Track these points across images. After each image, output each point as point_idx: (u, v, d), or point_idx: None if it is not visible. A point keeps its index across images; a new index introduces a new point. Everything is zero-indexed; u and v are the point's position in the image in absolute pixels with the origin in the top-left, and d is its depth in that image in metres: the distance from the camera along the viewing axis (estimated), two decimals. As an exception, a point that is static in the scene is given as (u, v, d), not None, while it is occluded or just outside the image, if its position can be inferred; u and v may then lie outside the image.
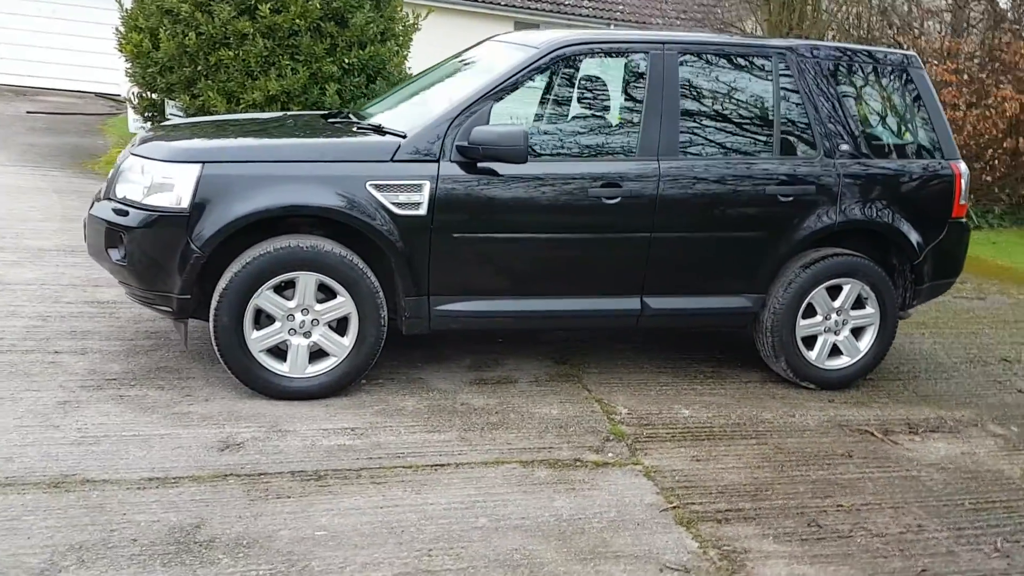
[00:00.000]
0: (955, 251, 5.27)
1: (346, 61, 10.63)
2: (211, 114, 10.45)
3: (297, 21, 10.26)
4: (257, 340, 4.20)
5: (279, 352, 4.26)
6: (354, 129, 4.63)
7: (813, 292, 4.94)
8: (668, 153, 4.62)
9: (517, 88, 4.47)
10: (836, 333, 5.08)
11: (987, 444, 4.55)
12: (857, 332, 5.13)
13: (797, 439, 4.39)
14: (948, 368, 5.80)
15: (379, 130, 4.49)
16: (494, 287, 4.52)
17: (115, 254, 4.19)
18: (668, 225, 4.64)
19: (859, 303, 5.07)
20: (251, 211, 4.06)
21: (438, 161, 4.29)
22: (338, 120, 4.99)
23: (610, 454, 4.03)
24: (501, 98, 4.41)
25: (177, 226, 4.05)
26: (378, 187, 4.21)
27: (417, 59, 11.00)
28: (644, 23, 19.32)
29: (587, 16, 19.11)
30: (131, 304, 5.40)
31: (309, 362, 4.30)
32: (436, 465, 3.78)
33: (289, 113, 5.69)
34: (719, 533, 3.43)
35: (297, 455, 3.75)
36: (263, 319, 4.22)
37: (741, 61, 4.88)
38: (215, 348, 4.18)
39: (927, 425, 4.73)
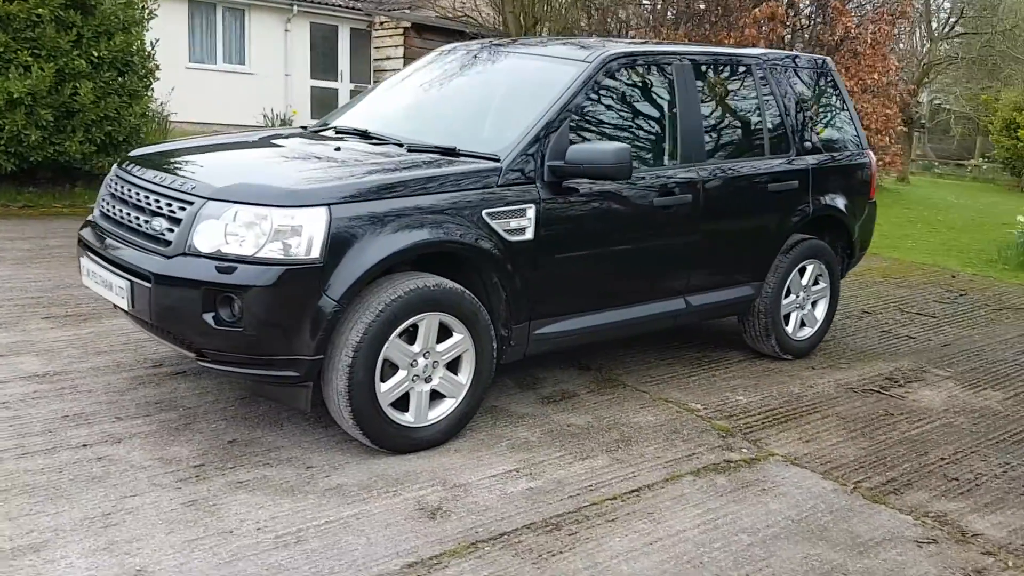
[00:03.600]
0: (871, 227, 6.16)
1: (95, 54, 9.37)
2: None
3: (38, 10, 8.85)
4: (386, 394, 3.83)
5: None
6: (425, 152, 4.28)
7: (791, 274, 5.51)
8: (699, 159, 4.89)
9: (582, 102, 4.45)
10: (803, 308, 5.71)
11: (952, 386, 5.44)
12: (814, 305, 5.81)
13: (842, 407, 4.94)
14: (843, 326, 6.74)
15: (453, 152, 4.24)
16: (582, 304, 4.52)
17: (213, 319, 3.56)
18: (706, 227, 4.93)
19: (815, 279, 5.75)
20: (393, 252, 3.69)
21: (534, 182, 4.18)
22: (375, 139, 4.56)
23: (743, 450, 4.26)
24: (572, 114, 4.37)
25: (309, 279, 3.55)
26: (492, 215, 4.01)
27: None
28: (342, 5, 19.00)
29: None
30: (78, 374, 4.61)
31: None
32: (631, 492, 3.76)
33: (279, 131, 5.04)
34: (909, 502, 3.84)
35: (507, 508, 3.53)
36: (386, 369, 3.85)
37: (738, 69, 5.26)
38: (347, 410, 3.73)
39: (900, 377, 5.53)
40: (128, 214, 3.93)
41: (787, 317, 5.62)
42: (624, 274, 4.64)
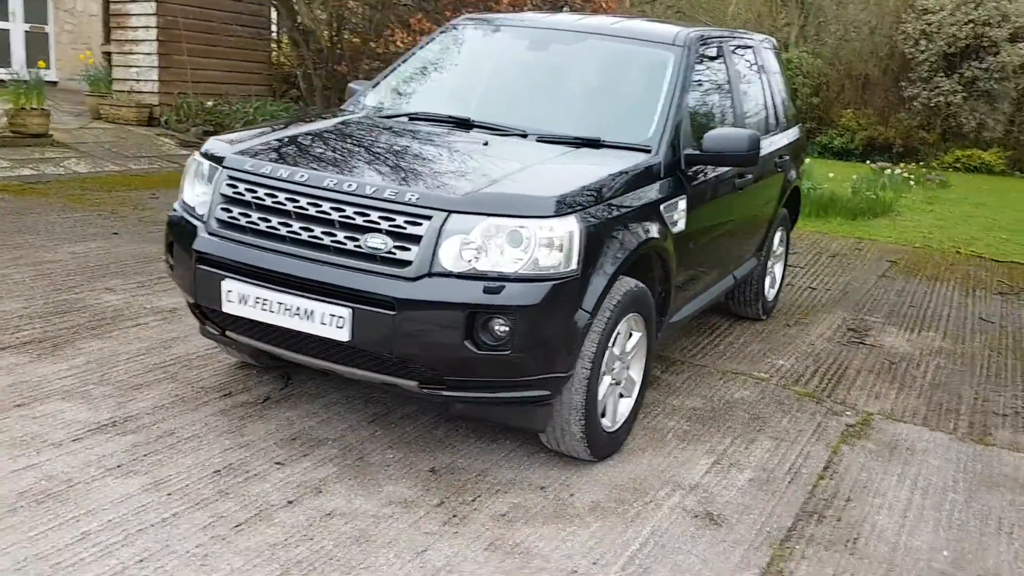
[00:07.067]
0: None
1: None
2: None
3: None
4: (601, 402, 3.73)
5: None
6: (563, 143, 4.07)
7: (772, 243, 6.01)
8: (744, 138, 5.12)
9: (685, 87, 4.47)
10: (772, 271, 6.25)
11: (898, 331, 6.27)
12: (774, 266, 6.37)
13: (855, 362, 5.51)
14: (754, 281, 7.39)
15: (596, 144, 4.11)
16: (694, 291, 4.61)
17: (473, 344, 3.22)
18: (754, 203, 5.22)
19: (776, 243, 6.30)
20: (629, 255, 3.56)
21: (675, 172, 4.20)
22: (486, 129, 4.21)
23: (847, 414, 4.65)
24: (685, 102, 4.40)
25: (571, 293, 3.32)
26: (665, 209, 4.00)
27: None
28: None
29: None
30: (149, 418, 3.95)
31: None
32: (825, 469, 3.99)
33: (353, 118, 4.38)
34: (1003, 441, 4.44)
35: (760, 504, 3.60)
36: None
37: (748, 51, 5.54)
38: (578, 424, 3.57)
39: (856, 327, 6.26)
40: (305, 228, 3.36)
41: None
42: (718, 257, 4.81)
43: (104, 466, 3.40)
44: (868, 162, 16.08)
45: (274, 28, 14.04)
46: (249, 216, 3.47)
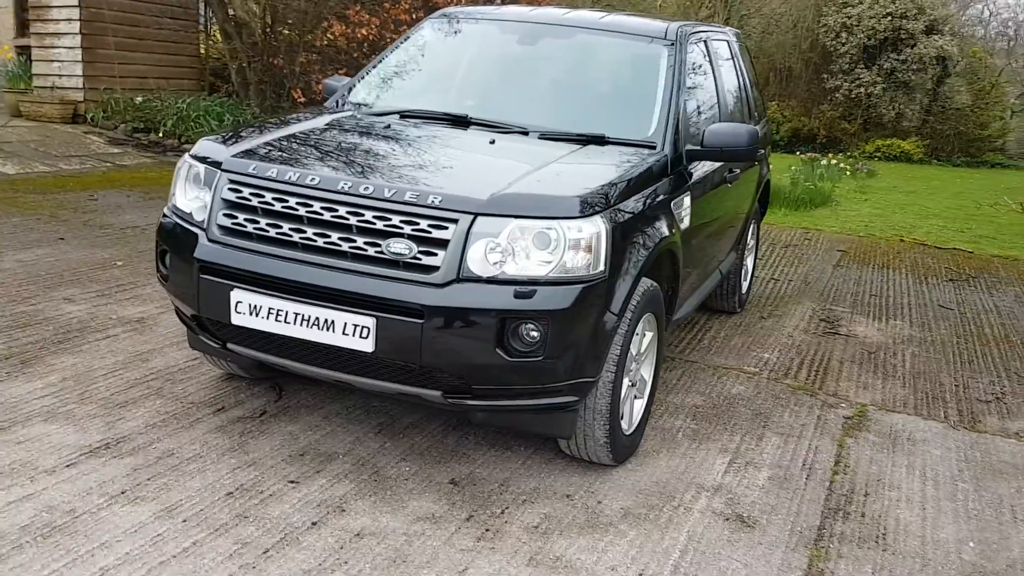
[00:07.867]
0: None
1: None
2: None
3: None
4: (621, 404, 3.66)
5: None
6: (567, 140, 3.97)
7: (747, 236, 6.04)
8: (728, 132, 5.11)
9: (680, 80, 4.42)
10: (745, 265, 6.28)
11: (866, 321, 6.37)
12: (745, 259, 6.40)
13: (836, 352, 5.57)
14: (719, 274, 7.43)
15: (601, 140, 4.03)
16: (691, 288, 4.57)
17: (503, 354, 3.10)
18: (738, 197, 5.22)
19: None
20: (650, 254, 3.49)
21: (680, 168, 4.15)
22: (484, 126, 4.08)
23: (842, 406, 4.69)
24: (683, 97, 4.36)
25: (599, 295, 3.23)
26: (674, 206, 3.95)
27: None
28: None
29: None
30: (143, 437, 3.76)
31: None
32: (837, 463, 4.00)
33: (343, 116, 4.18)
34: (992, 427, 4.54)
35: (785, 504, 3.59)
36: (614, 379, 3.65)
37: (725, 45, 5.52)
38: (603, 429, 3.49)
39: (827, 318, 6.34)
40: (320, 234, 3.19)
41: (736, 275, 6.10)
42: (712, 252, 4.78)
43: (107, 493, 3.18)
44: (797, 152, 16.40)
45: (202, 20, 13.56)
46: (257, 222, 3.28)
